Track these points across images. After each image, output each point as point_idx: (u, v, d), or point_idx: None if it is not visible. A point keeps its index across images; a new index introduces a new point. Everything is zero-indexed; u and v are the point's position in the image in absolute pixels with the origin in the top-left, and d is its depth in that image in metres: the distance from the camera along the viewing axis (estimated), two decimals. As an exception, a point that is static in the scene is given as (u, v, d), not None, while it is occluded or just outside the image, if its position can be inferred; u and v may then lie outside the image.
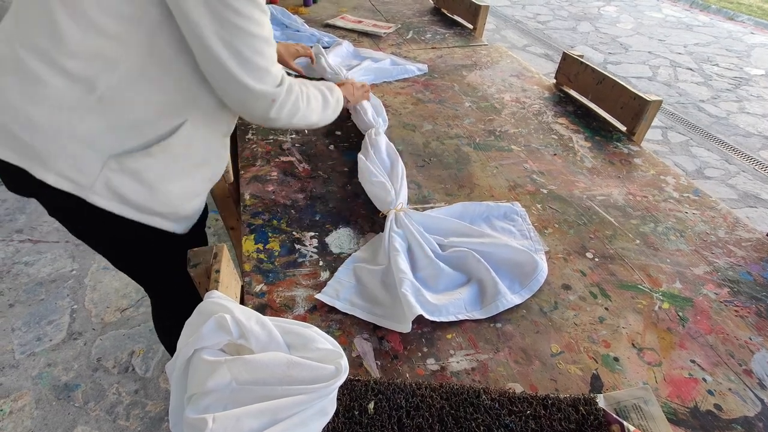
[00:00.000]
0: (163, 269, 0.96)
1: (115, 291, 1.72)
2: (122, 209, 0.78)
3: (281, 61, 1.36)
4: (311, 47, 1.40)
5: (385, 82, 1.45)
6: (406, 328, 0.67)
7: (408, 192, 0.96)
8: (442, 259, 0.79)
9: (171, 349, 1.29)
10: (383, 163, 0.98)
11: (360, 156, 0.99)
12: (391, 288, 0.75)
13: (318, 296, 0.73)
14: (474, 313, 0.72)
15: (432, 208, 0.93)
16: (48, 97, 0.68)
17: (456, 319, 0.71)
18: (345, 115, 1.21)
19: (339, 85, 1.07)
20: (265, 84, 0.75)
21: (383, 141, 1.04)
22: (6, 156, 0.71)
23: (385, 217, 0.86)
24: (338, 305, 0.72)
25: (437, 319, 0.70)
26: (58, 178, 0.72)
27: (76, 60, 0.67)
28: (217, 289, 0.59)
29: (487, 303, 0.73)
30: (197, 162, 0.84)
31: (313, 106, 0.91)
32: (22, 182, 0.75)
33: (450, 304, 0.72)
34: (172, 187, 0.81)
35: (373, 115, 1.14)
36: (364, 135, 1.08)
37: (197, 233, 0.98)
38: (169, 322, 1.18)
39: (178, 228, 0.87)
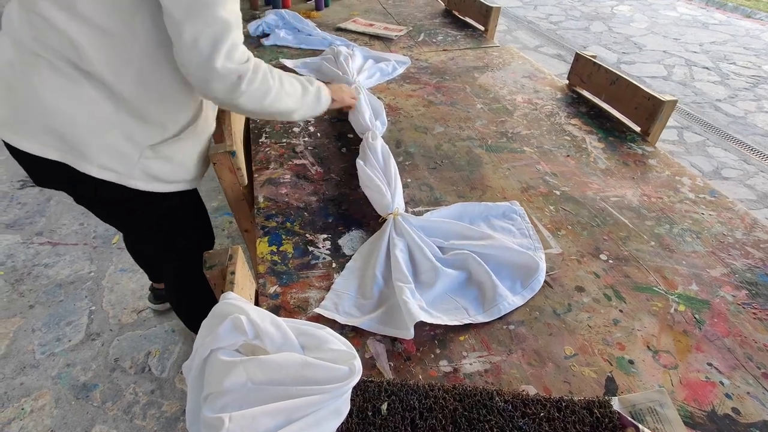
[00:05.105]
0: (185, 229, 1.12)
1: (132, 292, 1.75)
2: (157, 186, 0.91)
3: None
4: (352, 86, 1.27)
5: (396, 84, 1.45)
6: (408, 334, 0.66)
7: (419, 194, 0.96)
8: (442, 263, 0.79)
9: (188, 322, 1.35)
10: (380, 167, 0.97)
11: (359, 161, 0.98)
12: (390, 296, 0.74)
13: (317, 310, 0.72)
14: (477, 317, 0.71)
15: (430, 211, 0.92)
16: (83, 95, 0.75)
17: (460, 324, 0.70)
18: (345, 118, 1.22)
19: (326, 83, 1.05)
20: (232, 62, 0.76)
21: (379, 144, 1.02)
22: (46, 153, 0.78)
23: (384, 221, 0.86)
24: (339, 318, 0.70)
25: (438, 322, 0.69)
26: (101, 170, 0.82)
27: (95, 63, 0.73)
28: (232, 290, 0.60)
29: (488, 307, 0.73)
30: (205, 129, 0.99)
31: (288, 89, 0.89)
32: (56, 176, 0.83)
33: (450, 314, 0.72)
34: (194, 158, 0.97)
35: (370, 117, 1.13)
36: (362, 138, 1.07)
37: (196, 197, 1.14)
38: (187, 296, 1.25)
39: (196, 184, 1.03)
